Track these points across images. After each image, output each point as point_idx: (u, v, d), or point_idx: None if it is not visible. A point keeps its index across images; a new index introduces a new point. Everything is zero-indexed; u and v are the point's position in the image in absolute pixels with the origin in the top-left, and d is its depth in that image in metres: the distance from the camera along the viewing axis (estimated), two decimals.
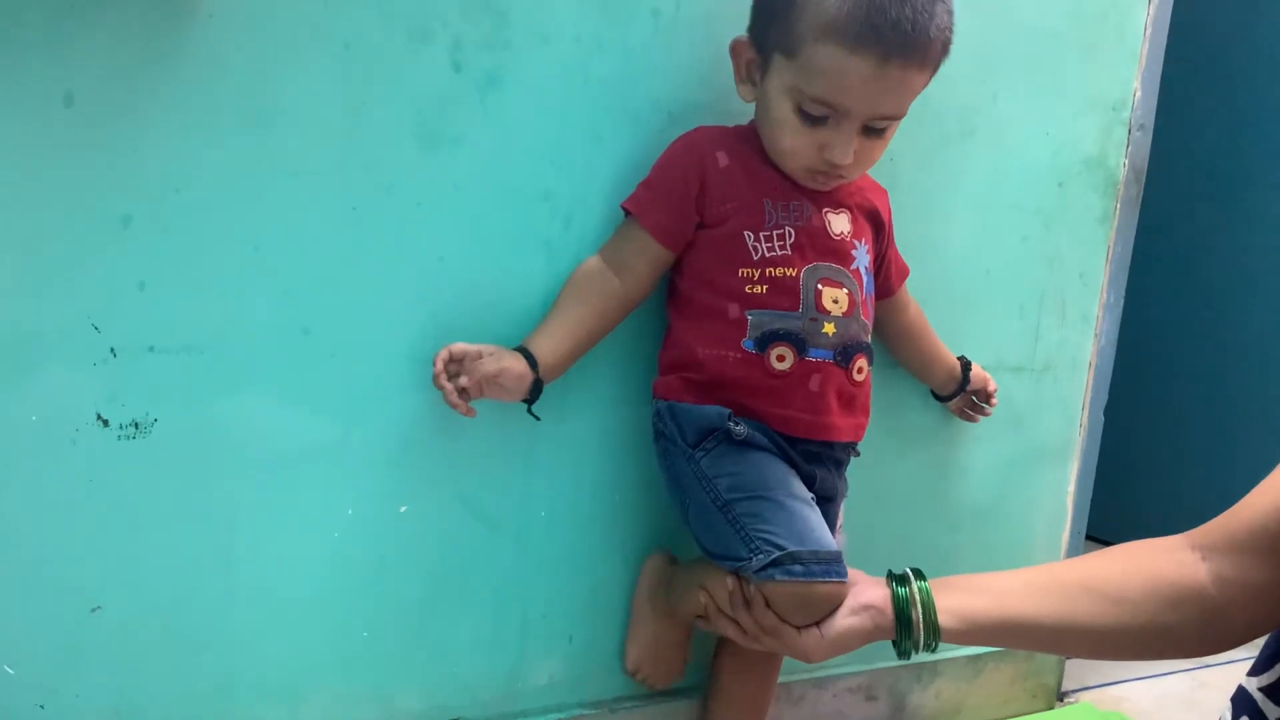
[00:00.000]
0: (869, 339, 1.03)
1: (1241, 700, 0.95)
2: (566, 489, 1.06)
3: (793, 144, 0.95)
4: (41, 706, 0.87)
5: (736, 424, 0.96)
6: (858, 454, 1.07)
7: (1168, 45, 1.39)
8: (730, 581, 0.95)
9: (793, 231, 0.98)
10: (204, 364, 0.88)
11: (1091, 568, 0.94)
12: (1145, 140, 1.39)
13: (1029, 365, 1.35)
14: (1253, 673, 0.94)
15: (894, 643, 0.95)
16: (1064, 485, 1.43)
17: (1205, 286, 2.10)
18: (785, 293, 0.97)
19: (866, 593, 0.95)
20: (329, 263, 0.92)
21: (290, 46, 0.87)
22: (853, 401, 1.01)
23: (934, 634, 0.92)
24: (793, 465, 0.99)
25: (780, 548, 0.92)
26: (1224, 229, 2.06)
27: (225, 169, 0.87)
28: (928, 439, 1.29)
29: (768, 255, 0.97)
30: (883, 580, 0.97)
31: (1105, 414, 1.46)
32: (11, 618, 0.85)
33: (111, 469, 0.86)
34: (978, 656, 1.38)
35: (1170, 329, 2.15)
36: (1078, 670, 1.53)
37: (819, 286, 0.97)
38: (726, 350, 0.97)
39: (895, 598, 0.94)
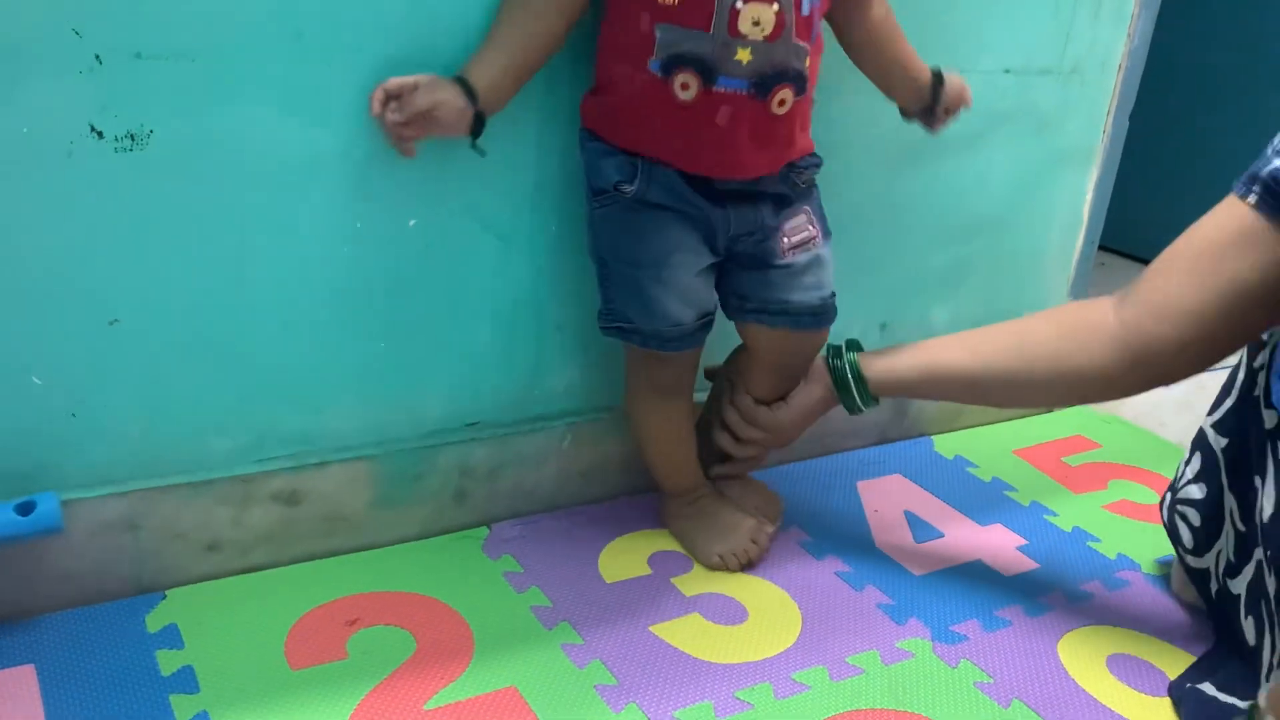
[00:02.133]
0: (802, 64, 0.91)
1: (1198, 440, 1.02)
2: (576, 200, 1.05)
3: None
4: (73, 414, 0.90)
5: (630, 182, 0.93)
6: (817, 166, 1.01)
7: None
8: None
9: None
10: (195, 72, 0.84)
11: (1014, 322, 1.04)
12: None
13: (1057, 67, 1.29)
14: (1209, 413, 1.00)
15: (843, 403, 1.08)
16: (1081, 193, 1.41)
17: None
18: (698, 8, 0.85)
19: (813, 368, 1.08)
20: None
21: None
22: (770, 136, 0.93)
23: (865, 391, 1.05)
24: (700, 212, 0.95)
25: (626, 320, 1.00)
26: None
27: None
28: (944, 146, 1.25)
29: None
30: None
31: (1130, 120, 1.42)
32: (31, 332, 0.86)
33: (112, 182, 0.84)
34: None
35: (1208, 32, 2.04)
36: None
37: (738, 4, 0.85)
38: (634, 70, 0.89)
39: (830, 367, 1.06)
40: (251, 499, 0.99)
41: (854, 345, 1.07)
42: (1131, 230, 1.93)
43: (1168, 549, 1.18)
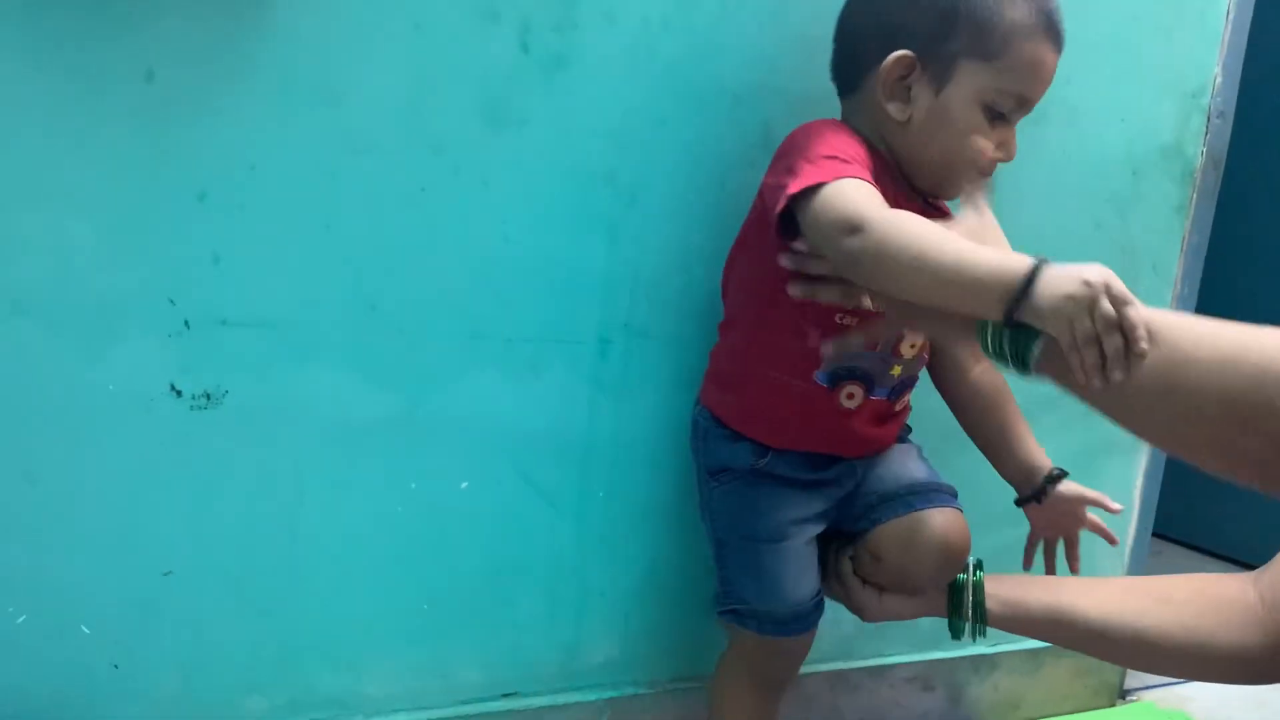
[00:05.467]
0: (919, 371, 1.00)
1: None
2: (625, 470, 1.07)
3: (984, 144, 0.90)
4: (115, 666, 0.90)
5: (761, 458, 0.96)
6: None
7: (1251, 30, 1.35)
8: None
9: None
10: (274, 338, 0.90)
11: (1151, 579, 0.98)
12: (1225, 128, 1.35)
13: None
14: None
15: (948, 622, 1.00)
16: (1131, 479, 1.41)
17: None
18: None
19: None
20: (396, 240, 0.93)
21: (362, 26, 0.89)
22: (890, 425, 0.99)
23: (980, 617, 0.98)
24: (827, 474, 0.97)
25: (743, 601, 0.98)
26: None
27: (298, 147, 0.88)
28: None
29: None
30: None
31: None
32: (88, 580, 0.88)
33: (184, 438, 0.89)
34: (1037, 650, 1.36)
35: (1250, 304, 2.09)
36: None
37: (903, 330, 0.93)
38: (793, 378, 0.93)
39: (951, 582, 1.00)
40: None
41: (979, 565, 1.00)
42: (1188, 516, 1.91)
43: None
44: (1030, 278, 0.73)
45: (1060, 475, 1.02)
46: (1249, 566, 0.93)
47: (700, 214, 1.04)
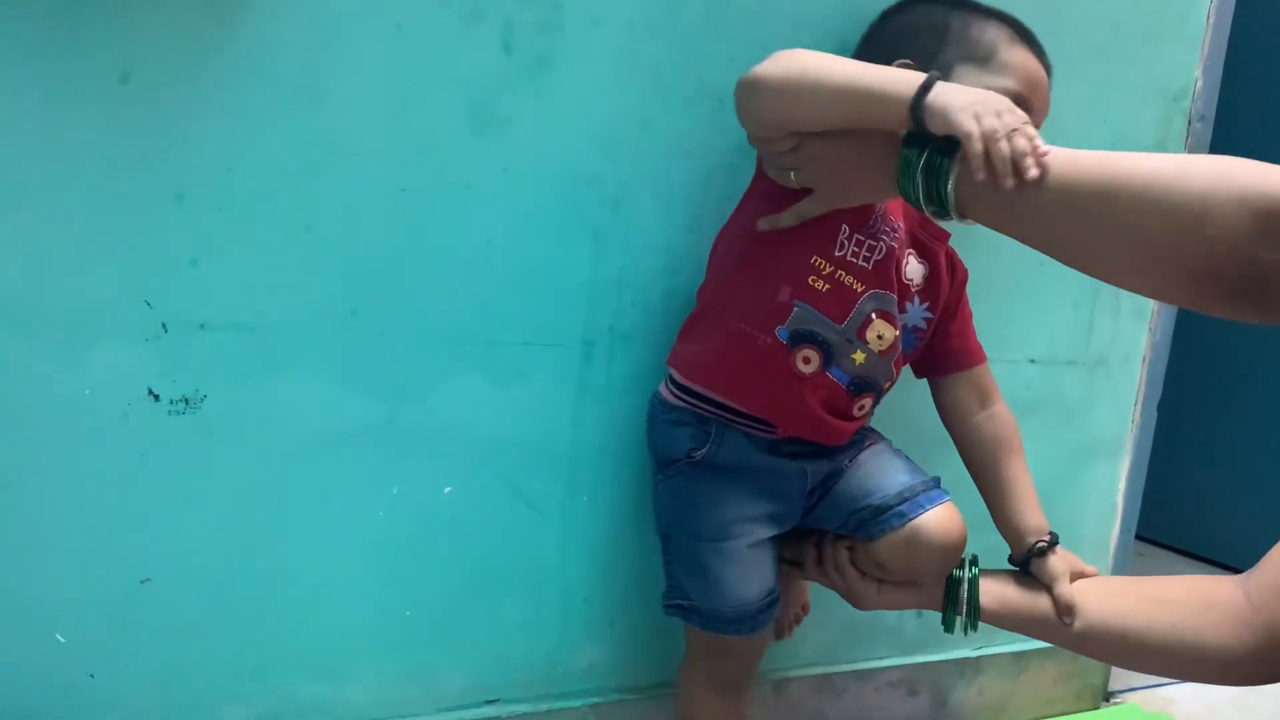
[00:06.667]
0: (885, 384, 0.99)
1: None
2: (610, 475, 1.06)
3: None
4: (91, 675, 0.88)
5: (702, 447, 0.96)
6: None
7: (1231, 34, 1.36)
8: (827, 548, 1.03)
9: (884, 249, 0.94)
10: (253, 342, 0.89)
11: (1143, 578, 1.00)
12: (1206, 132, 1.36)
13: (1082, 359, 1.33)
14: None
15: (941, 615, 1.02)
16: (1114, 482, 1.41)
17: None
18: (840, 303, 0.93)
19: None
20: (378, 244, 0.92)
21: (343, 27, 0.88)
22: (840, 413, 0.97)
23: (974, 613, 1.00)
24: (772, 469, 0.97)
25: (687, 598, 1.00)
26: None
27: (277, 149, 0.87)
28: None
29: (848, 259, 0.93)
30: None
31: (1159, 410, 1.44)
32: (63, 588, 0.86)
33: (162, 444, 0.87)
34: (1021, 654, 1.36)
35: (1227, 324, 2.10)
36: (1125, 670, 1.50)
37: (872, 315, 0.94)
38: (757, 331, 0.93)
39: (949, 576, 1.01)
40: None
41: (975, 561, 1.01)
42: (1170, 518, 1.91)
43: None
44: (929, 80, 0.79)
45: (1048, 547, 1.01)
46: (1230, 569, 0.94)
47: (684, 217, 1.03)
